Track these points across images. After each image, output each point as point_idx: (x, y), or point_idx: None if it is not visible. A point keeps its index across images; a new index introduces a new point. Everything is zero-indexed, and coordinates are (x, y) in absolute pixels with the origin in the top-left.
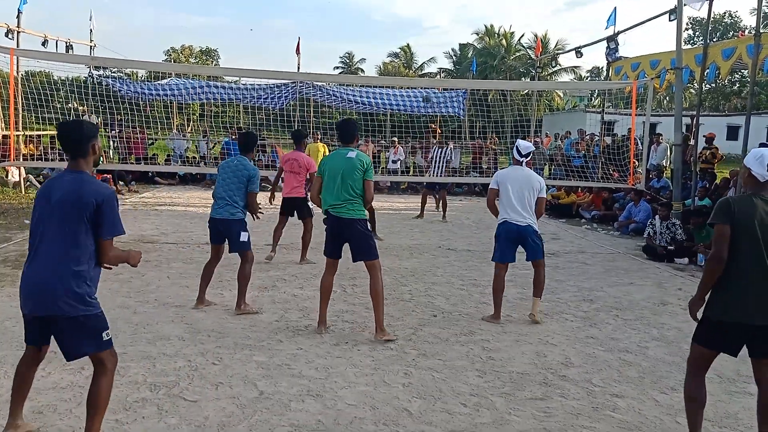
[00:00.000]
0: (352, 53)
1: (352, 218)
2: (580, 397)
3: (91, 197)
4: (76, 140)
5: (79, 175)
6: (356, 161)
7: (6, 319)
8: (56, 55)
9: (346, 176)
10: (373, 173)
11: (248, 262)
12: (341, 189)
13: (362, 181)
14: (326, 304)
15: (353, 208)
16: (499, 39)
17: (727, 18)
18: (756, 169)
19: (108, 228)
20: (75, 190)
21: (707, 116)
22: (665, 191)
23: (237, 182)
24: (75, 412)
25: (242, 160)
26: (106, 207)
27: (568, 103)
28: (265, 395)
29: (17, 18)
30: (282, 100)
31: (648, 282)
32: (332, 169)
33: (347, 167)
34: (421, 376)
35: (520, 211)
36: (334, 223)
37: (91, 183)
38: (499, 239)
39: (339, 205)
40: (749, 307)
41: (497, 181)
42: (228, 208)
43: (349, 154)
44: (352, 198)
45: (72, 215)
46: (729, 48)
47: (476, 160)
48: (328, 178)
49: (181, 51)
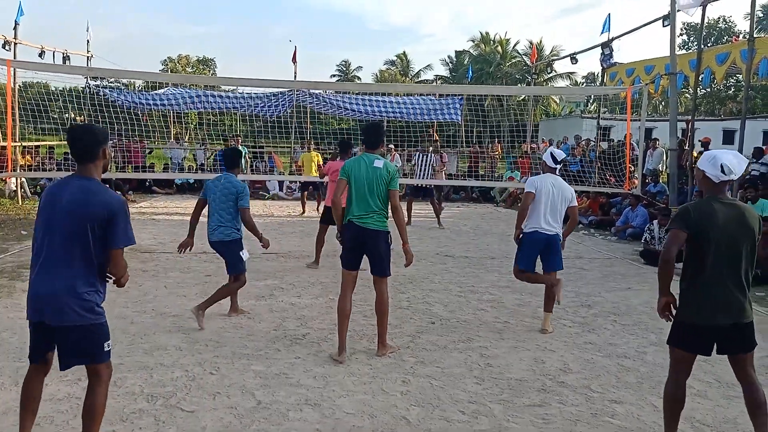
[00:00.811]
0: (348, 61)
1: (377, 230)
2: (578, 404)
3: (102, 208)
4: (88, 144)
5: (88, 183)
6: (383, 171)
7: (3, 330)
8: (53, 66)
9: (373, 186)
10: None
11: (239, 282)
12: (368, 199)
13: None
14: (346, 328)
15: (379, 220)
16: (494, 46)
17: (722, 23)
18: (710, 171)
19: (121, 238)
20: (84, 199)
21: (703, 121)
22: (662, 196)
23: (226, 201)
24: (72, 423)
25: (229, 177)
26: (119, 218)
27: (564, 108)
28: (263, 405)
29: (14, 29)
30: (279, 108)
31: (646, 287)
32: (359, 178)
33: (375, 177)
34: (420, 383)
35: (551, 221)
36: (357, 233)
37: (101, 193)
38: (526, 246)
39: (365, 215)
40: (717, 308)
41: (535, 187)
42: (222, 229)
43: (376, 163)
44: (379, 209)
45: (80, 225)
46: (723, 53)
47: (473, 166)
48: (355, 186)
49: (178, 60)
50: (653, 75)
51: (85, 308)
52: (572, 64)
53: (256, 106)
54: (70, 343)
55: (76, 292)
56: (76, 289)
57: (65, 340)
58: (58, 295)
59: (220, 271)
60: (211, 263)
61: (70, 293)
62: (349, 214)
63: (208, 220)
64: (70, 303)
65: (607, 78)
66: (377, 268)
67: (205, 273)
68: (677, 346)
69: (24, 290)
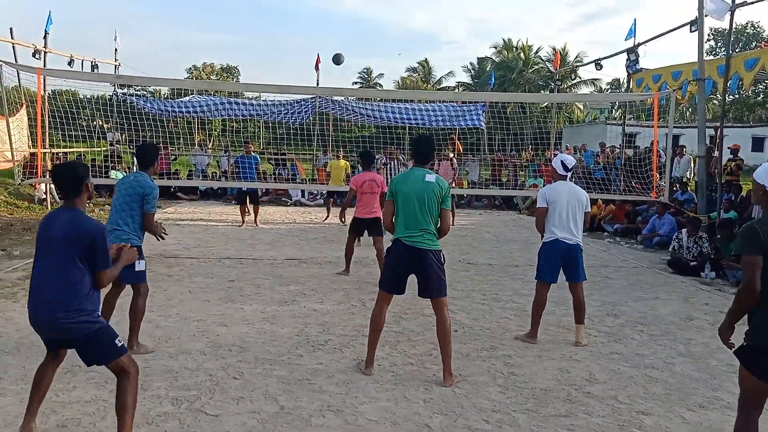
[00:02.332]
0: (370, 68)
1: (428, 249)
2: (605, 414)
3: (86, 234)
4: (71, 181)
5: (74, 213)
6: (435, 186)
7: (31, 333)
8: (81, 74)
9: (423, 202)
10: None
11: (141, 295)
12: (419, 216)
13: (439, 209)
14: (376, 342)
15: (430, 238)
16: (517, 52)
17: (750, 28)
18: None
19: (101, 262)
20: (71, 227)
21: (731, 127)
22: (690, 204)
23: (129, 201)
24: (99, 426)
25: (138, 176)
26: (99, 242)
27: (588, 115)
28: (285, 410)
29: (44, 39)
30: (301, 115)
31: (674, 296)
32: (408, 193)
33: (426, 192)
34: (443, 391)
35: (571, 229)
36: (405, 253)
37: (85, 222)
38: (547, 258)
39: (415, 234)
40: None
41: (546, 200)
42: (117, 233)
43: (428, 177)
44: (429, 226)
45: (68, 249)
46: (752, 58)
47: (496, 173)
48: (403, 202)
49: (202, 69)
50: (681, 81)
51: (80, 322)
52: (597, 70)
53: (279, 113)
54: (81, 350)
55: (70, 309)
56: (70, 306)
57: (76, 346)
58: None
59: (243, 276)
60: (234, 269)
61: (65, 310)
62: (399, 232)
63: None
64: (66, 319)
65: (633, 84)
66: (433, 289)
67: (228, 278)
68: (752, 372)
69: None
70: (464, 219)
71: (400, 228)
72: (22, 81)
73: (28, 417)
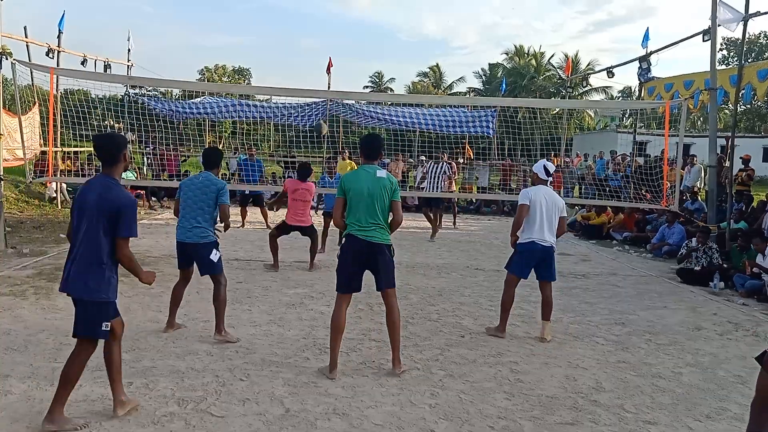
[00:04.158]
0: (381, 73)
1: (382, 243)
2: (611, 423)
3: (114, 201)
4: (109, 149)
5: (108, 180)
6: (386, 181)
7: (40, 332)
8: (94, 75)
9: (376, 197)
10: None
11: (222, 284)
12: (372, 211)
13: (390, 202)
14: (339, 344)
15: (382, 232)
16: (528, 59)
17: (763, 38)
18: None
19: (123, 228)
20: (101, 193)
21: (743, 137)
22: (700, 213)
23: (205, 199)
24: (105, 425)
25: (207, 176)
26: (125, 210)
27: (599, 123)
28: (291, 413)
29: (58, 38)
30: (312, 118)
31: (682, 306)
32: (360, 190)
33: (378, 187)
34: (448, 397)
35: (547, 232)
36: (361, 248)
37: (116, 188)
38: (522, 255)
39: (369, 227)
40: None
41: (530, 199)
42: (197, 231)
43: (379, 173)
44: (383, 221)
45: (97, 214)
46: (765, 69)
47: (506, 179)
48: (355, 198)
49: (214, 70)
50: (693, 90)
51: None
52: (609, 78)
53: (289, 116)
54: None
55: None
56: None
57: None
58: (80, 273)
59: (251, 278)
60: (242, 270)
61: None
62: (349, 228)
63: (180, 217)
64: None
65: (645, 92)
66: (386, 281)
67: (236, 280)
68: None
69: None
70: (473, 225)
71: (353, 223)
72: (35, 80)
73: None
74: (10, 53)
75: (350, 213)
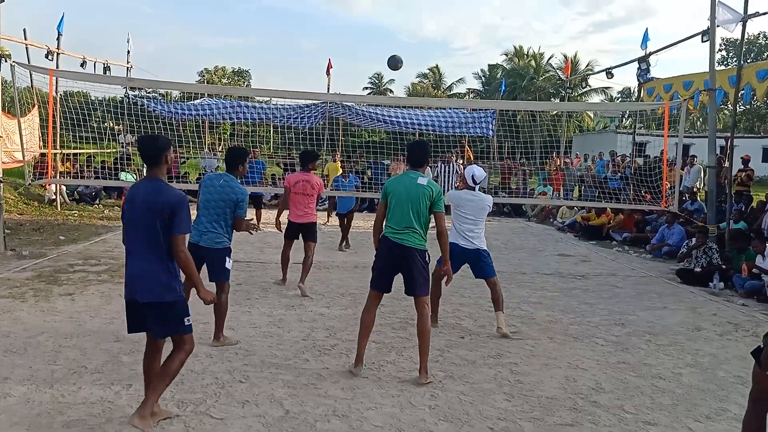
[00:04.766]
0: (381, 74)
1: (413, 247)
2: (611, 424)
3: (168, 201)
4: (153, 152)
5: (157, 183)
6: (426, 188)
7: (39, 334)
8: (93, 76)
9: (413, 203)
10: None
11: (225, 292)
12: (408, 215)
13: (430, 211)
14: (366, 341)
15: (416, 237)
16: (528, 60)
17: (762, 39)
18: None
19: (177, 226)
20: (154, 195)
21: (742, 138)
22: (699, 214)
23: (223, 206)
24: (104, 427)
25: (229, 180)
26: (179, 208)
27: (598, 124)
28: (290, 414)
29: (57, 40)
30: (311, 119)
31: (682, 306)
32: (400, 195)
33: (417, 194)
34: (448, 398)
35: (468, 235)
36: (391, 249)
37: (167, 189)
38: None
39: (401, 231)
40: None
41: (452, 202)
42: (211, 235)
43: (420, 180)
44: (417, 226)
45: (153, 217)
46: (764, 69)
47: (505, 181)
48: (396, 203)
49: (214, 72)
50: (692, 91)
51: (163, 287)
52: (608, 79)
53: (289, 118)
54: (152, 318)
55: (157, 273)
56: (157, 271)
57: (150, 316)
58: (144, 275)
59: (251, 280)
60: (242, 272)
61: (152, 274)
62: (386, 228)
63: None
64: (153, 282)
65: (644, 93)
66: (415, 287)
67: (236, 281)
68: None
69: (60, 294)
70: None
71: (389, 226)
72: (34, 82)
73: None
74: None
75: (389, 217)
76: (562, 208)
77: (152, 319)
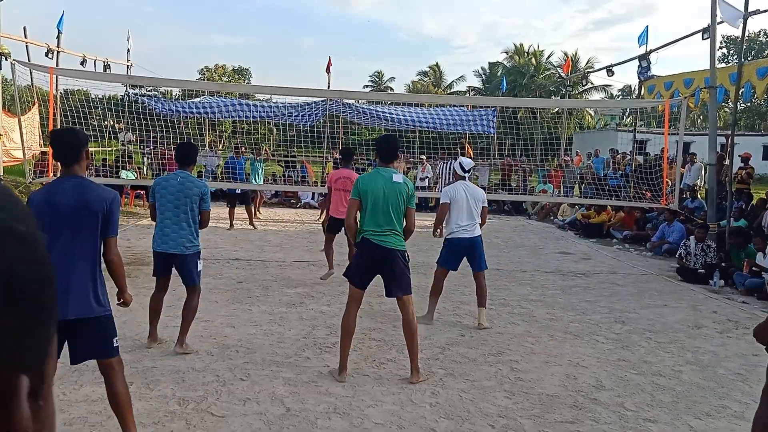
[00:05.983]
0: (381, 72)
1: (395, 249)
2: (611, 422)
3: (105, 199)
4: (72, 147)
5: (80, 181)
6: (403, 186)
7: None
8: (94, 74)
9: (392, 201)
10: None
11: (196, 295)
12: (387, 215)
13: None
14: (349, 347)
15: (397, 238)
16: (528, 58)
17: (763, 36)
18: None
19: (113, 227)
20: (82, 196)
21: (742, 135)
22: (700, 212)
23: (188, 203)
24: (105, 425)
25: (186, 176)
26: (116, 207)
27: (598, 121)
28: (291, 412)
29: (57, 38)
30: (312, 117)
31: (682, 304)
32: (378, 194)
33: (394, 192)
34: (449, 396)
35: (468, 225)
36: (374, 251)
37: (96, 186)
38: (450, 251)
39: (382, 232)
40: None
41: (450, 197)
42: (179, 240)
43: (395, 177)
44: (398, 227)
45: (85, 220)
46: (764, 67)
47: (505, 178)
48: (372, 202)
49: (214, 70)
50: (693, 88)
51: (96, 300)
52: (608, 77)
53: (289, 115)
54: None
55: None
56: (90, 283)
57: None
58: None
59: (251, 278)
60: (243, 270)
61: (85, 287)
62: (364, 231)
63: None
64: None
65: (645, 91)
66: (401, 287)
67: (236, 280)
68: None
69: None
70: None
71: (368, 227)
72: (34, 80)
73: None
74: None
75: (366, 217)
76: (563, 206)
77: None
